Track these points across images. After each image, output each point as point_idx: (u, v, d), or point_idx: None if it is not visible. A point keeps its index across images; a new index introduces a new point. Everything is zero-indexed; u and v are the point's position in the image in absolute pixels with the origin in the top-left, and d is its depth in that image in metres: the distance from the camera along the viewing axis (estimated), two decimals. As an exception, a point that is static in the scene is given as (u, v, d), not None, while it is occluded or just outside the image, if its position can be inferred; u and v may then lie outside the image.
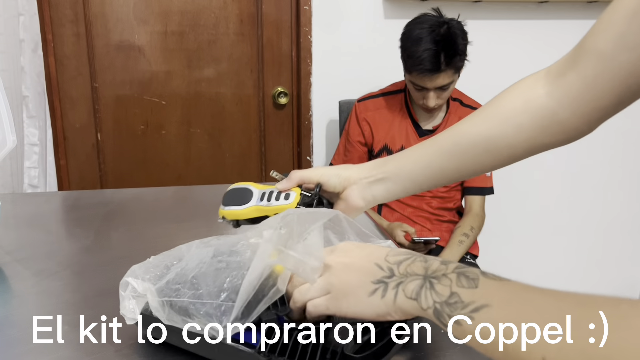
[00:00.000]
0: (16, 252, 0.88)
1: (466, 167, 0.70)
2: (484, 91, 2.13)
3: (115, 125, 2.14)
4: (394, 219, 1.86)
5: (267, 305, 0.50)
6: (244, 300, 0.50)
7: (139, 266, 0.58)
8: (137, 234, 0.99)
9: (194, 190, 1.37)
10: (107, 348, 0.59)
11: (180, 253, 0.60)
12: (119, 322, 0.62)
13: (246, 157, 2.26)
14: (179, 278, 0.55)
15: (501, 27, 2.25)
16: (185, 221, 1.06)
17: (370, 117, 1.84)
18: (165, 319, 0.53)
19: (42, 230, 1.02)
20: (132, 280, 0.56)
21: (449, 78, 1.64)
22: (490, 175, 1.85)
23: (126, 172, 2.19)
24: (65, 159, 2.12)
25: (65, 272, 0.81)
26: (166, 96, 2.15)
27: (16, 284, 0.77)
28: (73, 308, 0.69)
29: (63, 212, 1.21)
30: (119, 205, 1.18)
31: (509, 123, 0.66)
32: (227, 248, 0.57)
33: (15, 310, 0.70)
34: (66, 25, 2.02)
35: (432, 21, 1.61)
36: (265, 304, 0.50)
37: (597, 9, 2.30)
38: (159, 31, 2.08)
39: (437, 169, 0.70)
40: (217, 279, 0.53)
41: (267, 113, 2.24)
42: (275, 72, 2.21)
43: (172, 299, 0.53)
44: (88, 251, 0.90)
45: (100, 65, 2.08)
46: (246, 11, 2.13)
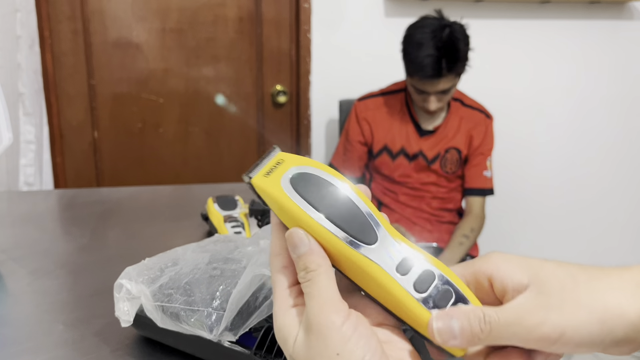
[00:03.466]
0: (11, 251, 0.87)
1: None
2: (485, 91, 2.13)
3: (112, 123, 2.13)
4: (394, 220, 1.85)
5: (261, 319, 0.49)
6: (234, 310, 0.49)
7: (133, 268, 0.57)
8: (133, 233, 0.98)
9: (191, 189, 1.36)
10: (103, 348, 0.58)
11: (176, 255, 0.59)
12: (114, 321, 0.61)
13: (244, 156, 2.25)
14: (172, 283, 0.54)
15: (503, 27, 2.24)
16: (182, 220, 1.05)
17: (370, 116, 1.83)
18: (159, 322, 0.53)
19: (38, 228, 1.01)
20: (127, 283, 0.55)
21: (450, 82, 1.64)
22: (490, 177, 1.84)
23: (123, 170, 2.18)
24: (62, 157, 2.11)
25: (61, 271, 0.80)
26: (164, 94, 2.13)
27: (11, 282, 0.76)
28: (68, 307, 0.68)
29: (59, 210, 1.20)
30: (115, 204, 1.17)
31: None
32: (223, 255, 0.56)
33: (10, 309, 0.69)
34: (63, 22, 2.00)
35: (434, 25, 1.60)
36: (258, 317, 0.49)
37: (599, 9, 2.30)
38: (157, 29, 2.07)
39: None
40: (210, 286, 0.52)
41: (266, 112, 2.23)
42: (274, 71, 2.20)
43: (164, 304, 0.52)
44: (84, 250, 0.89)
45: (98, 62, 2.07)
46: (245, 9, 2.12)
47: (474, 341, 0.33)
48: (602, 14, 2.31)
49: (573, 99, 2.40)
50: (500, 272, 0.34)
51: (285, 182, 0.34)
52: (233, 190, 1.16)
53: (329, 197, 0.33)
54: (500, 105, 2.22)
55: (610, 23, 2.33)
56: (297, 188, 0.33)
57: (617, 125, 2.45)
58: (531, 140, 2.40)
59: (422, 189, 1.83)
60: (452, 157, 1.80)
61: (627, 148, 2.48)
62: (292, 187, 0.33)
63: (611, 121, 2.43)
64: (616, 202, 2.53)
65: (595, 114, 2.42)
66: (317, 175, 0.34)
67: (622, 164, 2.50)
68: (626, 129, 2.45)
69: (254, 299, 0.50)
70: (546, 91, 2.36)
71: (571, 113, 2.40)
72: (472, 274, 0.35)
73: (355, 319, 0.32)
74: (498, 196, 1.94)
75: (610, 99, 2.41)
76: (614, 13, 2.32)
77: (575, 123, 2.42)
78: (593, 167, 2.48)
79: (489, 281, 0.35)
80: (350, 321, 0.32)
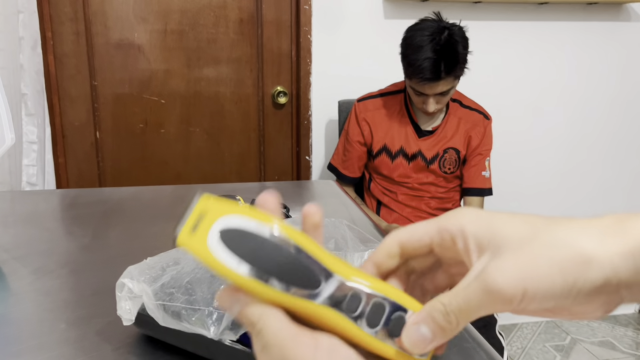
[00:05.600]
0: (14, 250, 0.88)
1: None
2: (483, 92, 2.14)
3: (114, 124, 2.14)
4: (393, 220, 1.86)
5: None
6: None
7: (134, 267, 0.58)
8: (135, 233, 0.99)
9: (192, 189, 1.37)
10: (104, 346, 0.59)
11: (177, 255, 0.59)
12: (116, 320, 0.61)
13: (245, 156, 2.26)
14: (173, 282, 0.54)
15: (501, 28, 2.25)
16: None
17: (370, 117, 1.84)
18: (161, 321, 0.53)
19: (40, 228, 1.02)
20: (128, 282, 0.56)
21: (449, 84, 1.64)
22: (489, 177, 1.85)
23: (125, 170, 2.19)
24: (64, 157, 2.12)
25: (63, 271, 0.81)
26: (165, 95, 2.14)
27: (14, 281, 0.77)
28: (70, 306, 0.69)
29: (61, 210, 1.20)
30: (117, 204, 1.18)
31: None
32: None
33: (12, 308, 0.69)
34: (66, 23, 2.01)
35: (432, 28, 1.60)
36: None
37: (596, 10, 2.30)
38: (159, 30, 2.08)
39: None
40: (211, 285, 0.52)
41: (267, 112, 2.24)
42: (274, 72, 2.20)
43: (165, 303, 0.53)
44: (86, 249, 0.90)
45: (100, 63, 2.08)
46: (246, 10, 2.13)
47: (447, 335, 0.31)
48: (600, 15, 2.31)
49: (571, 100, 2.40)
50: (464, 233, 0.32)
51: (213, 241, 0.31)
52: (234, 190, 1.16)
53: (260, 250, 0.30)
54: (498, 106, 2.22)
55: (607, 24, 2.33)
56: (227, 244, 0.30)
57: (615, 126, 2.45)
58: (529, 141, 2.41)
59: (421, 189, 1.84)
60: (450, 157, 1.80)
61: (625, 148, 2.49)
62: (222, 244, 0.30)
63: (609, 122, 2.44)
64: (615, 202, 2.53)
65: (594, 115, 2.43)
66: (244, 230, 0.31)
67: (620, 164, 2.51)
68: (624, 129, 2.46)
69: None
70: (544, 92, 2.37)
71: (569, 114, 2.41)
72: (437, 232, 0.33)
73: (326, 344, 0.30)
74: (497, 196, 1.95)
75: (608, 100, 2.42)
76: (612, 14, 2.32)
77: (573, 124, 2.42)
78: (591, 168, 2.49)
79: (452, 240, 0.33)
80: (321, 349, 0.30)
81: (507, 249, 0.30)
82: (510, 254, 0.29)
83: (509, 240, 0.30)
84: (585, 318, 0.30)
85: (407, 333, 0.32)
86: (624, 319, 2.66)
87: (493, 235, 0.31)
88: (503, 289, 0.29)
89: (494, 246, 0.30)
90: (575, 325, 2.60)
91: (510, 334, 2.50)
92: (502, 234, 0.31)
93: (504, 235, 0.30)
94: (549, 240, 0.29)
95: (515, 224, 0.31)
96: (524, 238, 0.30)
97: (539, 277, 0.28)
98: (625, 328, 2.58)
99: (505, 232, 0.31)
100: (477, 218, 0.32)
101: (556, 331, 2.54)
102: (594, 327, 2.58)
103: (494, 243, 0.31)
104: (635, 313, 2.71)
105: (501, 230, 0.31)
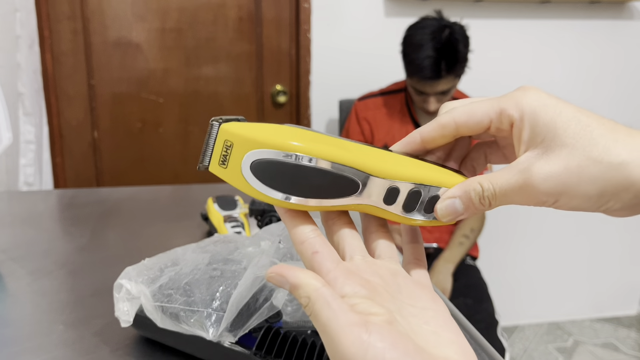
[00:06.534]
0: (11, 251, 0.87)
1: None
2: (484, 91, 2.13)
3: (112, 123, 2.13)
4: (393, 219, 1.85)
5: (260, 320, 0.49)
6: (234, 312, 0.49)
7: (132, 268, 0.57)
8: (133, 233, 0.98)
9: (191, 189, 1.36)
10: (102, 348, 0.58)
11: (176, 256, 0.59)
12: (114, 322, 0.61)
13: (244, 156, 2.25)
14: (172, 283, 0.54)
15: (502, 27, 2.24)
16: (181, 220, 1.04)
17: (371, 116, 1.83)
18: (159, 323, 0.52)
19: (38, 228, 1.01)
20: (126, 283, 0.55)
21: (450, 83, 1.64)
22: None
23: (123, 170, 2.18)
24: (62, 157, 2.11)
25: (61, 271, 0.80)
26: (164, 94, 2.13)
27: (11, 282, 0.76)
28: (68, 307, 0.68)
29: (59, 210, 1.20)
30: (115, 204, 1.17)
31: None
32: (224, 256, 0.56)
33: (9, 309, 0.69)
34: (63, 22, 2.00)
35: (433, 26, 1.60)
36: (258, 319, 0.49)
37: (598, 9, 2.30)
38: (157, 28, 2.07)
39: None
40: (210, 286, 0.52)
41: (266, 112, 2.23)
42: (274, 71, 2.19)
43: (163, 304, 0.52)
44: (84, 250, 0.89)
45: (98, 62, 2.06)
46: (245, 9, 2.12)
47: (477, 213, 0.35)
48: (602, 13, 2.31)
49: (573, 98, 2.39)
50: (522, 122, 0.33)
51: (248, 174, 0.32)
52: (233, 190, 1.16)
53: (295, 177, 0.32)
54: (500, 105, 2.21)
55: (610, 23, 2.33)
56: (259, 176, 0.32)
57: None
58: (531, 140, 2.40)
59: (422, 188, 1.83)
60: (452, 157, 1.80)
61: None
62: (256, 177, 0.32)
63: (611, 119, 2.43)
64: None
65: (596, 113, 2.42)
66: (276, 160, 0.32)
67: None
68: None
69: (254, 301, 0.50)
70: (546, 91, 2.36)
71: (571, 113, 2.40)
72: (497, 114, 0.34)
73: (377, 331, 0.28)
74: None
75: (611, 99, 2.41)
76: (614, 13, 2.32)
77: (575, 123, 2.42)
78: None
79: (509, 125, 0.34)
80: (372, 339, 0.27)
81: (558, 153, 0.31)
82: (559, 159, 0.31)
83: (562, 144, 0.31)
84: (614, 214, 0.33)
85: (442, 205, 0.35)
86: (627, 320, 2.66)
87: (549, 132, 0.32)
88: (542, 191, 0.32)
89: (546, 145, 0.32)
90: (578, 327, 2.59)
91: (512, 336, 2.49)
92: (559, 135, 0.32)
93: (560, 137, 0.32)
94: (598, 156, 0.31)
95: (575, 129, 0.32)
96: (577, 146, 0.31)
97: (578, 191, 0.31)
98: (629, 329, 2.58)
99: (563, 135, 0.32)
100: (542, 109, 0.33)
101: (559, 333, 2.53)
102: (597, 329, 2.57)
103: (547, 142, 0.32)
104: (638, 315, 2.71)
105: (559, 130, 0.32)
